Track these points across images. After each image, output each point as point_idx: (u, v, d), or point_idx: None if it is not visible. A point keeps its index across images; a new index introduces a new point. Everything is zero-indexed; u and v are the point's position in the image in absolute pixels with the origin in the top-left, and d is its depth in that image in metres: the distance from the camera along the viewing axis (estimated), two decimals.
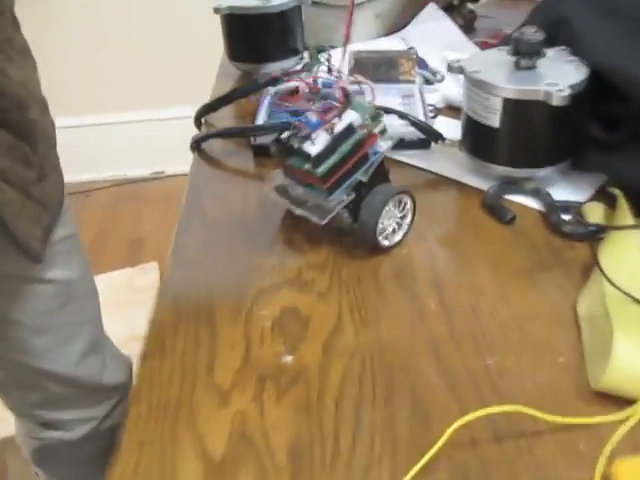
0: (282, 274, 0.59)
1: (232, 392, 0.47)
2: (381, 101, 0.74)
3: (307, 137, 0.57)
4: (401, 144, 0.76)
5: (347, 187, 0.59)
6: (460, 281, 0.57)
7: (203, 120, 0.88)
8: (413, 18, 1.11)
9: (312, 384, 0.47)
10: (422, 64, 0.95)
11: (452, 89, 0.90)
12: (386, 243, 0.61)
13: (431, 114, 0.83)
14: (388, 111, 0.74)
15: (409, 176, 0.73)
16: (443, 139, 0.74)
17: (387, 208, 0.60)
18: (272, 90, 0.83)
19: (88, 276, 0.91)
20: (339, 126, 0.57)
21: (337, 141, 0.57)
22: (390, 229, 0.61)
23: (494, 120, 0.65)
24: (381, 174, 0.61)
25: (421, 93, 0.86)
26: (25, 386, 0.90)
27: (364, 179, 0.59)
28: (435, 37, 1.08)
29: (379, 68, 0.90)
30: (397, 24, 1.11)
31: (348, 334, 0.51)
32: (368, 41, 1.07)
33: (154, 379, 0.49)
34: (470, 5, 1.20)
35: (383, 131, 0.62)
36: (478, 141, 0.69)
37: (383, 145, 0.61)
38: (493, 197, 0.66)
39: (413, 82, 0.89)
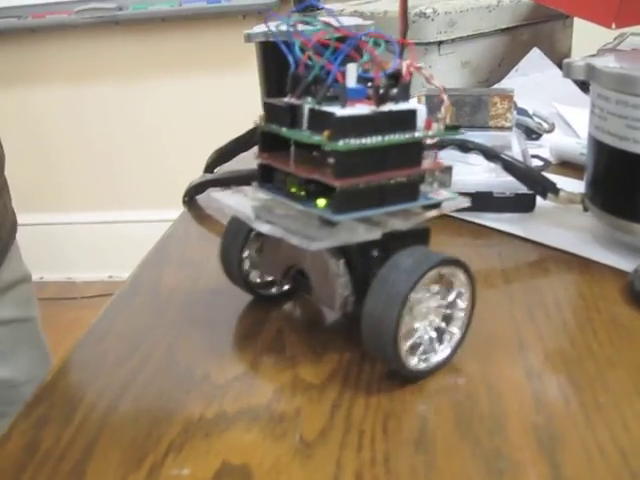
0: (242, 397, 0.31)
1: None
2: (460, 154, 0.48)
3: (334, 98, 0.30)
4: (484, 202, 0.49)
5: (368, 218, 0.31)
6: (594, 439, 0.27)
7: (215, 171, 0.64)
8: (512, 68, 0.86)
9: None
10: (523, 113, 0.69)
11: (566, 140, 0.62)
12: (420, 365, 0.32)
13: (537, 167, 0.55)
14: (467, 147, 0.47)
15: (496, 248, 0.45)
16: (557, 192, 0.45)
17: (419, 294, 0.31)
18: None
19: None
20: (392, 107, 0.31)
21: (382, 122, 0.30)
22: (426, 336, 0.32)
23: None
24: (417, 235, 0.34)
25: (521, 144, 0.59)
26: None
27: (401, 226, 0.31)
28: (540, 90, 0.82)
29: (462, 109, 0.63)
30: (491, 74, 0.86)
31: None
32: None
33: None
34: None
35: (447, 176, 0.34)
36: (619, 187, 0.40)
37: (444, 195, 0.33)
38: None
39: (509, 129, 0.62)
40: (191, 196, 0.56)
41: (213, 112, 2.16)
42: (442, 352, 0.32)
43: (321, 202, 0.30)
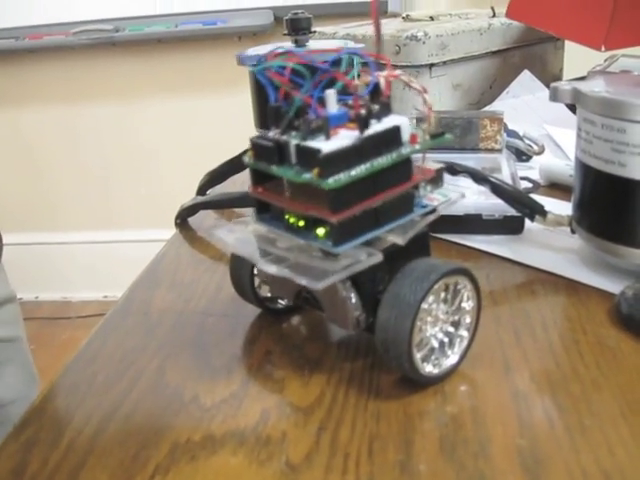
0: (229, 420, 0.31)
1: None
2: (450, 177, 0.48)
3: (317, 130, 0.30)
4: (473, 225, 0.49)
5: (366, 244, 0.32)
6: (578, 462, 0.27)
7: (208, 193, 0.64)
8: (503, 90, 0.86)
9: None
10: (513, 135, 0.69)
11: (555, 161, 0.63)
12: (432, 370, 0.33)
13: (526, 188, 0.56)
14: (455, 170, 0.48)
15: (484, 270, 0.45)
16: (545, 214, 0.46)
17: (430, 301, 0.32)
18: None
19: (30, 397, 0.66)
20: (376, 127, 0.31)
21: (368, 147, 0.30)
22: (436, 342, 0.33)
23: (636, 169, 0.37)
24: (420, 248, 0.34)
25: (511, 166, 0.60)
26: None
27: (400, 241, 0.32)
28: (531, 112, 0.82)
29: (452, 132, 0.64)
30: (482, 96, 0.87)
31: None
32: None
33: None
34: None
35: (439, 179, 0.35)
36: (605, 210, 0.41)
37: (438, 199, 0.34)
38: (632, 302, 0.37)
39: (499, 151, 0.63)
40: (183, 218, 0.57)
41: (209, 133, 2.17)
42: (453, 356, 0.34)
43: (320, 231, 0.31)
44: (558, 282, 0.43)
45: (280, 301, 0.40)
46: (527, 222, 0.48)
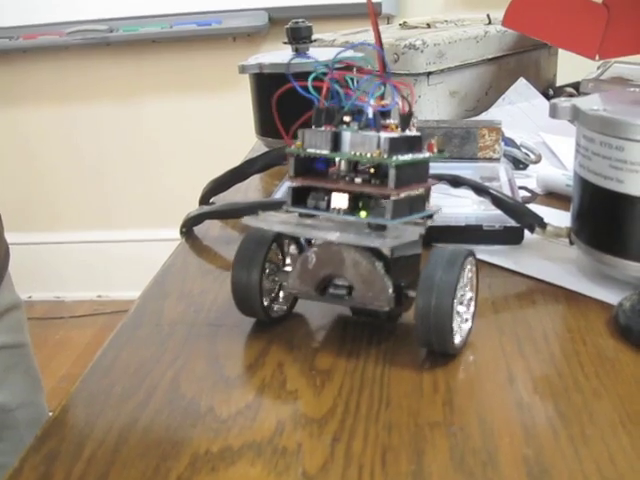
0: (246, 432, 0.32)
1: None
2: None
3: (367, 126, 0.37)
4: (474, 235, 0.50)
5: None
6: (582, 471, 0.29)
7: (211, 201, 0.65)
8: (499, 96, 0.88)
9: None
10: (510, 143, 0.71)
11: (553, 171, 0.64)
12: (457, 339, 0.37)
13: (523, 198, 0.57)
14: (458, 183, 0.49)
15: (486, 280, 0.46)
16: (544, 226, 0.47)
17: (461, 282, 0.37)
18: None
19: (36, 402, 0.67)
20: (407, 133, 0.38)
21: (407, 143, 0.37)
22: (458, 315, 0.38)
23: (633, 185, 0.39)
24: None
25: (509, 174, 0.61)
26: None
27: (415, 236, 0.36)
28: (527, 119, 0.84)
29: (451, 141, 0.65)
30: (478, 102, 0.88)
31: None
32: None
33: None
34: (570, 89, 0.96)
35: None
36: (603, 223, 0.42)
37: (432, 208, 0.39)
38: (630, 313, 0.39)
39: (497, 160, 0.65)
40: (188, 227, 0.58)
41: (203, 132, 2.18)
42: (468, 322, 0.39)
43: (363, 214, 0.36)
44: (558, 292, 0.44)
45: (275, 311, 0.42)
46: (527, 232, 0.50)
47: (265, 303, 0.41)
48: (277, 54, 0.79)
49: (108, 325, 2.32)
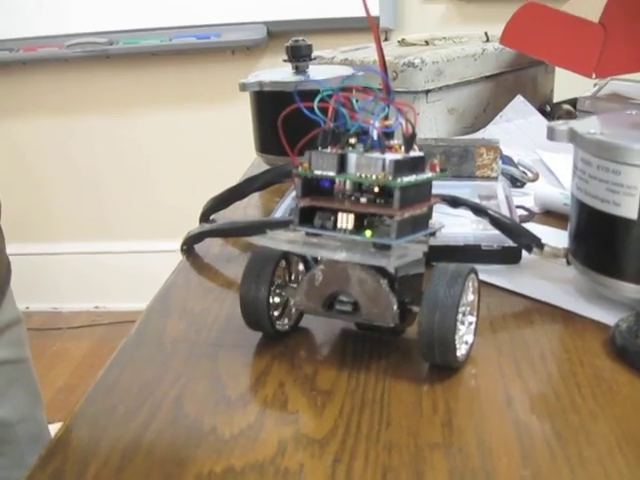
0: (248, 452, 0.33)
1: None
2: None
3: (372, 148, 0.38)
4: (472, 254, 0.51)
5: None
6: None
7: (211, 219, 0.66)
8: (497, 113, 0.89)
9: None
10: (508, 161, 0.71)
11: (550, 190, 0.65)
12: (460, 353, 0.39)
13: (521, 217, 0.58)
14: (457, 203, 0.50)
15: (484, 299, 0.47)
16: (541, 246, 0.48)
17: (463, 300, 0.39)
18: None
19: (36, 417, 0.67)
20: (411, 154, 0.39)
21: (410, 164, 0.38)
22: (460, 330, 0.39)
23: (629, 208, 0.40)
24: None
25: (506, 193, 0.62)
26: None
27: (418, 254, 0.39)
28: (524, 136, 0.85)
29: (450, 160, 0.66)
30: (476, 119, 0.89)
31: None
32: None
33: None
34: (567, 106, 0.97)
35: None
36: (600, 245, 0.43)
37: (435, 226, 0.41)
38: (626, 335, 0.40)
39: (495, 178, 0.65)
40: (189, 245, 0.58)
41: (201, 145, 2.19)
42: (470, 337, 0.40)
43: (368, 233, 0.37)
44: (555, 312, 0.45)
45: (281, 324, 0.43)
46: (525, 252, 0.50)
47: (272, 317, 0.41)
48: (277, 71, 0.79)
49: (105, 336, 2.32)
